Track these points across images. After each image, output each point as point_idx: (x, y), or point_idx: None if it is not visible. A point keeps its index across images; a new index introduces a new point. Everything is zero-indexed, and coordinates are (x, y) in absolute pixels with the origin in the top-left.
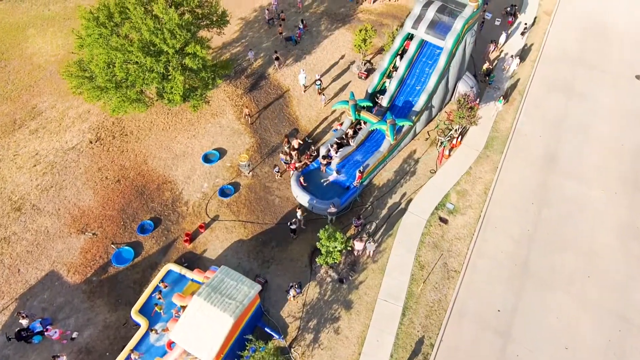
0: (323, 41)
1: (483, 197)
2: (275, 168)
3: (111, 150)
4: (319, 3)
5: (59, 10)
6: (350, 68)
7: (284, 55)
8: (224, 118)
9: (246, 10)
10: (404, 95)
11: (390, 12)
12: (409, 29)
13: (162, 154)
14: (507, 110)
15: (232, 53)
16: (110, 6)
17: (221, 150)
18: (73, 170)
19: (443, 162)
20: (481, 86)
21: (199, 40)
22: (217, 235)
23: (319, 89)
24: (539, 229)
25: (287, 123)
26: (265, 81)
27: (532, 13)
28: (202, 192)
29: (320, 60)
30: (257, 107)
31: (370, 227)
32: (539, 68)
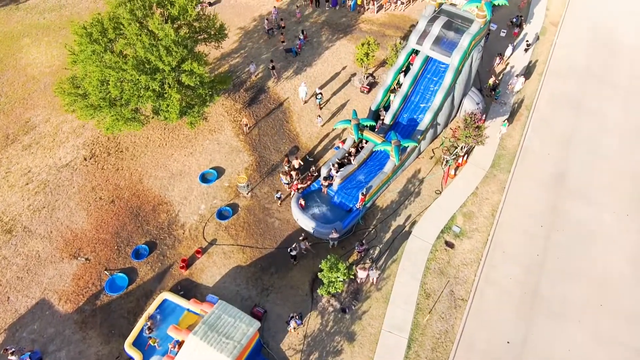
0: (324, 52)
1: (490, 219)
2: (277, 194)
3: (106, 168)
4: (319, 13)
5: (54, 19)
6: (352, 81)
7: (284, 68)
8: (222, 134)
9: (245, 19)
10: (408, 113)
11: (392, 23)
12: (413, 45)
13: (158, 172)
14: (514, 127)
15: (230, 64)
16: (103, 21)
17: (219, 169)
18: (66, 190)
19: (448, 182)
20: (487, 101)
21: (196, 55)
22: (214, 260)
23: (320, 102)
24: (548, 255)
25: (287, 140)
26: (265, 95)
27: (538, 23)
28: (199, 214)
29: (321, 73)
30: (256, 123)
31: (374, 252)
32: (546, 82)
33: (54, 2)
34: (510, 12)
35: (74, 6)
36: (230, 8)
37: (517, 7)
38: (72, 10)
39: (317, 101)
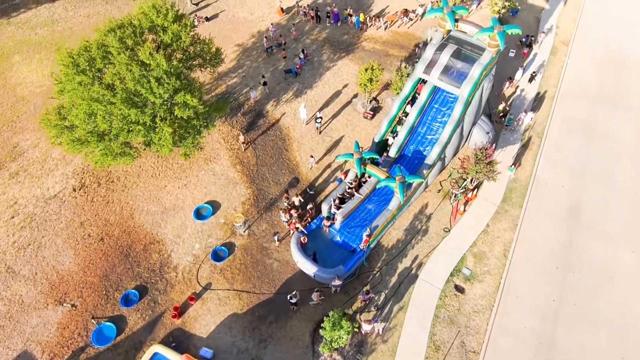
0: (325, 73)
1: (502, 260)
2: (275, 235)
3: (96, 201)
4: (320, 29)
5: (46, 35)
6: (353, 103)
7: (283, 90)
8: (218, 164)
9: (243, 35)
10: (415, 144)
11: (396, 41)
12: (420, 74)
13: (151, 206)
14: (526, 156)
15: (228, 85)
16: (92, 50)
17: (214, 204)
18: (53, 225)
19: (457, 218)
20: (497, 127)
21: (190, 84)
22: (209, 307)
23: (319, 126)
24: (565, 299)
25: (287, 171)
26: (263, 120)
27: (548, 42)
28: (193, 254)
29: (322, 95)
30: (255, 152)
31: (379, 298)
32: (558, 106)
33: (46, 17)
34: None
35: (66, 21)
36: (228, 23)
37: (529, 28)
38: (64, 25)
39: (316, 124)
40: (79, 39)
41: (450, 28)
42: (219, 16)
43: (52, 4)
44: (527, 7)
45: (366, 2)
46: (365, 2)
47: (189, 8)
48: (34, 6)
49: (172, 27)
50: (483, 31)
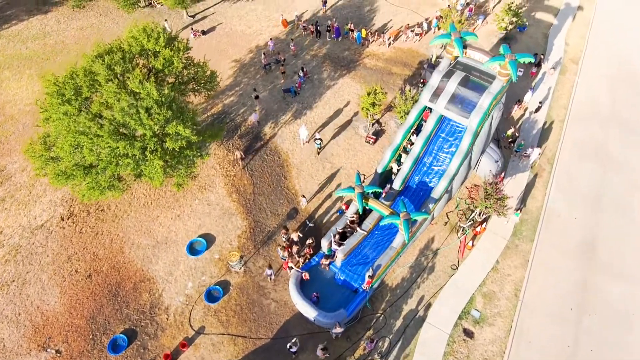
0: (325, 92)
1: (513, 300)
2: (268, 270)
3: (84, 232)
4: (320, 45)
5: (37, 49)
6: (355, 126)
7: (282, 110)
8: (213, 193)
9: (241, 50)
10: (420, 176)
11: (399, 59)
12: (426, 102)
13: (142, 239)
14: (537, 185)
15: (224, 104)
16: (78, 77)
17: (209, 237)
18: (39, 259)
19: (465, 254)
20: (505, 152)
21: (182, 112)
22: (202, 355)
23: (319, 147)
24: (581, 345)
25: (285, 200)
26: (261, 143)
27: (557, 61)
28: (185, 294)
29: (322, 116)
30: (252, 179)
31: (383, 344)
32: (569, 129)
33: (38, 30)
34: (528, 47)
35: (59, 34)
36: (225, 37)
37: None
38: (57, 38)
39: (316, 145)
40: (71, 53)
41: (458, 55)
42: (216, 29)
43: (44, 16)
44: (534, 22)
45: (368, 16)
46: (366, 16)
47: (186, 20)
48: (25, 18)
49: (163, 52)
50: (493, 60)
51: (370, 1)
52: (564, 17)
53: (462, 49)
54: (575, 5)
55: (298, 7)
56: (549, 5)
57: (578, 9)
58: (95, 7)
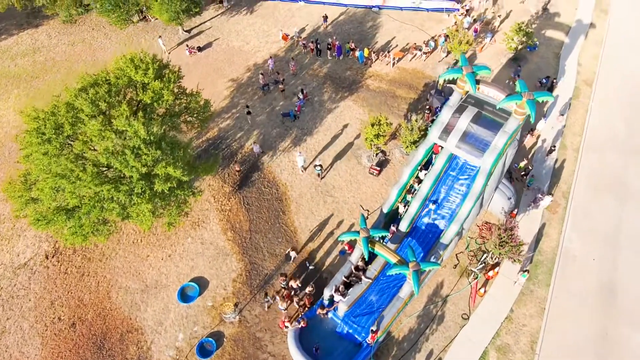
0: (326, 117)
1: (530, 355)
2: (265, 298)
3: (69, 272)
4: (321, 63)
5: (27, 66)
6: (358, 154)
7: (280, 137)
8: (206, 230)
9: (238, 69)
10: (428, 216)
11: (404, 80)
12: (435, 140)
13: (130, 282)
14: (551, 222)
15: (220, 128)
16: (60, 112)
17: (202, 281)
18: (21, 303)
19: (477, 300)
20: (518, 186)
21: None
22: None
23: (320, 173)
24: None
25: (284, 239)
26: (258, 174)
27: (569, 83)
28: (176, 347)
29: (322, 143)
30: (248, 215)
31: None
32: (584, 158)
33: (28, 45)
34: (539, 68)
35: (49, 50)
36: (222, 53)
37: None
38: (46, 55)
39: (316, 171)
40: (61, 71)
41: (470, 90)
42: (213, 45)
43: (35, 30)
44: (545, 40)
45: (370, 33)
46: (369, 33)
47: (181, 36)
48: (15, 32)
49: (153, 84)
50: (509, 99)
51: (372, 17)
52: (575, 35)
53: (475, 85)
54: (587, 22)
55: (298, 22)
56: (560, 22)
57: (590, 26)
58: (87, 21)
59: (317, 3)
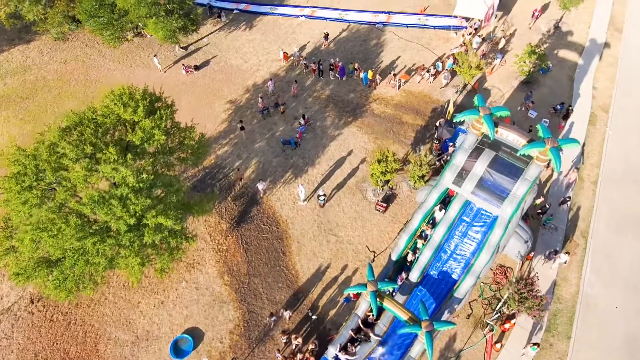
0: (329, 144)
1: None
2: None
3: (55, 320)
4: (323, 85)
5: (16, 86)
6: (362, 187)
7: (281, 166)
8: (202, 272)
9: (237, 89)
10: (440, 263)
11: (410, 104)
12: (449, 185)
13: (120, 333)
14: (570, 265)
15: (217, 155)
16: (42, 156)
17: (196, 333)
18: (2, 354)
19: (493, 355)
20: (533, 222)
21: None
22: None
23: (322, 202)
24: None
25: (284, 284)
26: (257, 209)
27: (585, 109)
28: None
29: (325, 173)
30: (246, 256)
31: None
32: (603, 192)
33: (19, 62)
34: (552, 91)
35: (40, 68)
36: (220, 72)
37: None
38: (37, 73)
39: (319, 202)
40: (52, 91)
41: (487, 133)
42: (210, 63)
43: (26, 46)
44: (558, 62)
45: (374, 51)
46: (372, 51)
47: (177, 53)
48: (6, 48)
49: (143, 123)
50: (532, 147)
51: (376, 34)
52: (590, 56)
53: (494, 129)
54: (601, 41)
55: (298, 39)
56: (573, 41)
57: (605, 46)
58: (80, 37)
59: (318, 19)
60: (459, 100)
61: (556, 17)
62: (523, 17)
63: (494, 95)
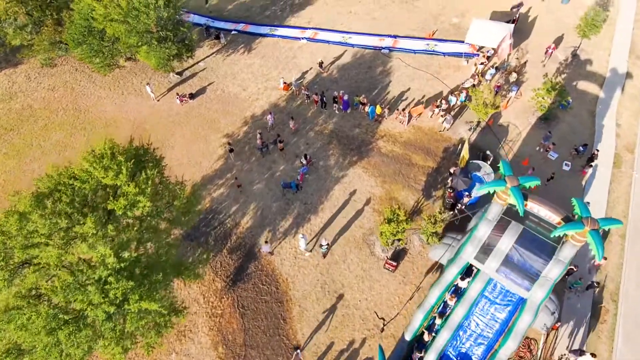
0: (333, 188)
1: None
2: None
3: None
4: (326, 118)
5: (1, 115)
6: (370, 240)
7: (281, 214)
8: (194, 343)
9: (234, 121)
10: (458, 342)
11: (420, 143)
12: (470, 260)
13: None
14: (600, 335)
15: (213, 197)
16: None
17: None
18: None
19: None
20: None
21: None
22: None
23: (325, 252)
24: None
25: (284, 357)
26: (255, 264)
27: (609, 149)
28: None
29: (328, 221)
30: (242, 322)
31: None
32: (632, 247)
33: (5, 89)
34: (572, 129)
35: (27, 95)
36: (217, 101)
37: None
38: (24, 101)
39: (322, 251)
40: (39, 121)
41: (515, 204)
42: (207, 91)
43: (13, 70)
44: (578, 95)
45: (380, 80)
46: (378, 79)
47: (172, 79)
48: None
49: (126, 188)
50: (568, 228)
51: (382, 60)
52: (611, 88)
53: (523, 203)
54: (623, 71)
55: (300, 64)
56: (592, 71)
57: (626, 76)
58: (70, 61)
59: (320, 42)
60: (473, 138)
61: (574, 43)
62: (538, 44)
63: (510, 133)
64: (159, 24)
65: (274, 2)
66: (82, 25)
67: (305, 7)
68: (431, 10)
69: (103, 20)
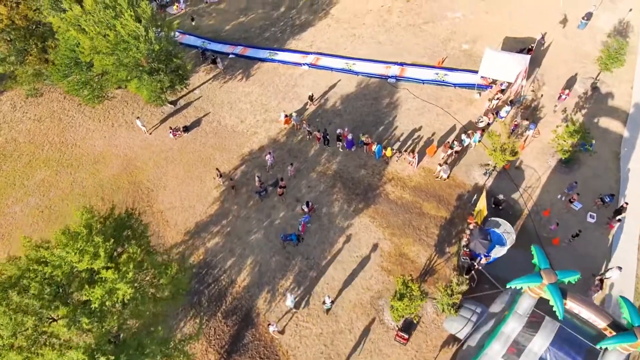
0: (337, 240)
1: None
2: None
3: None
4: (329, 157)
5: None
6: (377, 303)
7: (280, 270)
8: None
9: (231, 158)
10: None
11: (431, 189)
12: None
13: None
14: None
15: (207, 248)
16: None
17: None
18: None
19: None
20: None
21: None
22: None
23: (328, 309)
24: None
25: None
26: (253, 333)
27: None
28: None
29: (333, 281)
30: None
31: None
32: None
33: None
34: (596, 174)
35: (11, 127)
36: (212, 135)
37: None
38: (8, 134)
39: (325, 307)
40: (23, 157)
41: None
42: (202, 123)
43: None
44: (599, 133)
45: (387, 113)
46: (385, 113)
47: (165, 110)
48: None
49: (104, 274)
50: (618, 342)
51: (389, 91)
52: (635, 126)
53: (562, 303)
54: None
55: (300, 93)
56: (614, 106)
57: None
58: (58, 89)
59: (323, 68)
60: (489, 184)
61: (592, 73)
62: (555, 75)
63: (529, 178)
64: (150, 57)
65: (273, 23)
66: (67, 56)
67: (307, 29)
68: (439, 35)
69: (89, 52)
